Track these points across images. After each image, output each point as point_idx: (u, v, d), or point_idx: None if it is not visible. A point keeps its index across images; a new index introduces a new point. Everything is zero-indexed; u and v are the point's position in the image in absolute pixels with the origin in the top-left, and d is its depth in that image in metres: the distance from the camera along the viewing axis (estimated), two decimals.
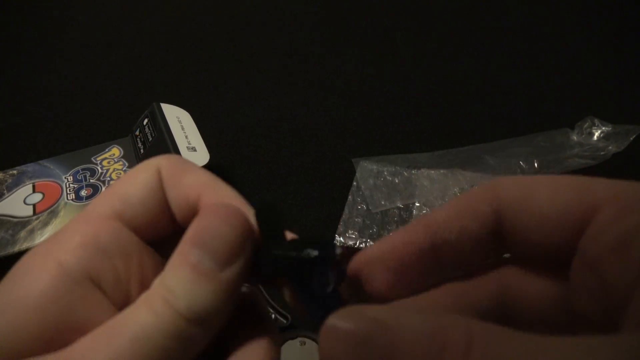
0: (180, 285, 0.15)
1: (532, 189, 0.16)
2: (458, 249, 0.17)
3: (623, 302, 0.13)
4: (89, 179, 0.42)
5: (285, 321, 0.35)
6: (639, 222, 0.13)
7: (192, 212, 0.18)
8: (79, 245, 0.16)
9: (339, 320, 0.13)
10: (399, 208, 0.46)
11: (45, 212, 0.39)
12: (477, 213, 0.16)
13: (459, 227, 0.16)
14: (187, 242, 0.16)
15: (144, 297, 0.16)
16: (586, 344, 0.11)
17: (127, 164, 0.44)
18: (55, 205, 0.40)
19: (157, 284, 0.16)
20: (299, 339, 0.34)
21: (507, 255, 0.17)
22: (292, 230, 0.18)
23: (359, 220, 0.45)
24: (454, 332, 0.12)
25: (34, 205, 0.40)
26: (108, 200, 0.18)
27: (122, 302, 0.17)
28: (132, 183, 0.18)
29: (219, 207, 0.16)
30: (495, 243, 0.16)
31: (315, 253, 0.16)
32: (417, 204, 0.46)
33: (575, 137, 0.51)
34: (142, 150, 0.44)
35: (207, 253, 0.15)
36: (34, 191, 0.41)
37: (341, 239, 0.43)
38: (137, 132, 0.46)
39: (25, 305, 0.15)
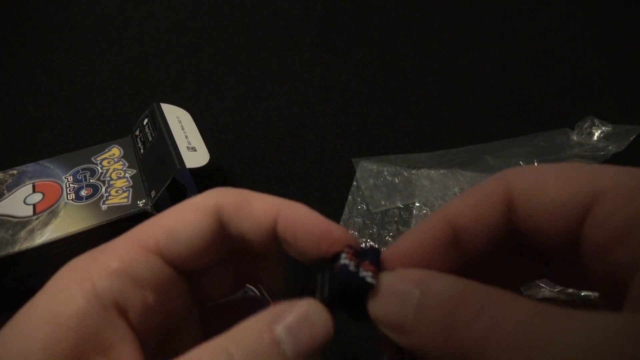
0: (255, 354, 0.15)
1: (540, 177, 0.16)
2: (476, 238, 0.17)
3: (626, 285, 0.14)
4: (89, 179, 0.42)
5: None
6: (638, 210, 0.14)
7: (271, 236, 0.19)
8: (114, 272, 0.17)
9: (387, 278, 0.16)
10: (399, 208, 0.46)
11: (45, 212, 0.39)
12: (490, 202, 0.17)
13: (475, 216, 0.17)
14: (275, 314, 0.16)
15: (197, 352, 0.15)
16: (588, 317, 0.12)
17: (127, 164, 0.44)
18: (55, 205, 0.40)
19: (218, 343, 0.15)
20: None
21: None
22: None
23: (359, 220, 0.45)
24: (472, 295, 0.14)
25: (34, 205, 0.40)
26: (155, 231, 0.18)
27: (144, 331, 0.17)
28: (183, 221, 0.18)
29: (316, 306, 0.16)
30: (509, 231, 0.17)
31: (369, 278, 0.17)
32: (417, 204, 0.46)
33: (575, 137, 0.51)
34: (142, 150, 0.44)
35: (293, 339, 0.15)
36: (34, 191, 0.41)
37: None
38: (137, 132, 0.46)
39: (60, 323, 0.15)
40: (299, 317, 0.16)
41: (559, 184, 0.16)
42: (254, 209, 0.19)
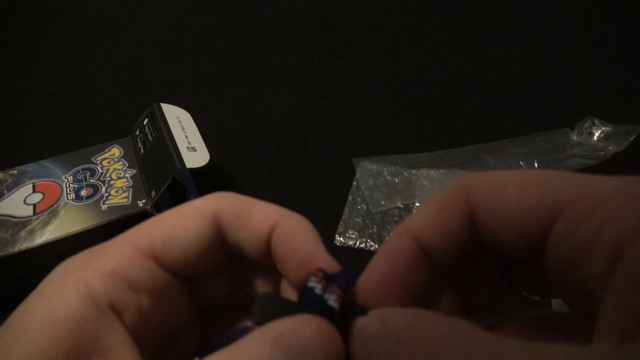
0: None
1: (501, 187, 0.16)
2: (444, 252, 0.17)
3: (594, 302, 0.13)
4: (89, 179, 0.42)
5: None
6: (599, 224, 0.13)
7: (267, 247, 0.18)
8: (109, 274, 0.16)
9: (369, 322, 0.15)
10: (399, 208, 0.46)
11: (46, 212, 0.39)
12: (453, 214, 0.16)
13: (439, 230, 0.16)
14: (273, 337, 0.15)
15: None
16: (548, 352, 0.11)
17: (127, 164, 0.44)
18: (56, 205, 0.40)
19: (227, 356, 0.15)
20: None
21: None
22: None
23: (359, 220, 0.45)
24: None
25: (34, 205, 0.40)
26: (151, 235, 0.18)
27: (141, 335, 0.17)
28: (180, 226, 0.18)
29: (322, 325, 0.15)
30: (476, 241, 0.17)
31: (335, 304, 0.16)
32: (417, 204, 0.46)
33: (575, 137, 0.51)
34: (142, 150, 0.44)
35: None
36: (34, 191, 0.41)
37: (341, 238, 0.43)
38: (137, 132, 0.46)
39: (57, 327, 0.15)
40: (298, 342, 0.15)
41: (519, 196, 0.15)
42: (253, 217, 0.18)
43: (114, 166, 0.43)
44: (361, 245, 0.43)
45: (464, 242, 0.17)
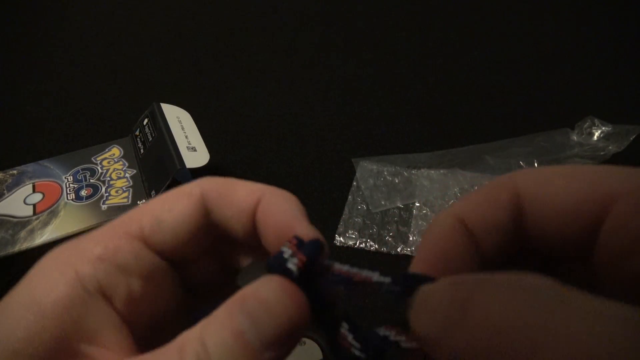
0: (218, 348, 0.14)
1: (549, 180, 0.16)
2: (487, 236, 0.17)
3: None
4: (89, 179, 0.42)
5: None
6: None
7: (252, 224, 0.18)
8: (97, 258, 0.16)
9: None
10: (399, 208, 0.46)
11: (46, 212, 0.39)
12: (497, 202, 0.16)
13: (483, 214, 0.16)
14: (238, 302, 0.15)
15: (179, 341, 0.15)
16: (598, 305, 0.11)
17: (127, 164, 0.44)
18: (55, 205, 0.40)
19: (196, 332, 0.15)
20: None
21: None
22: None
23: (359, 220, 0.45)
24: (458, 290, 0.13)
25: (34, 205, 0.40)
26: (139, 219, 0.18)
27: (132, 319, 0.17)
28: (168, 209, 0.18)
29: (282, 283, 0.15)
30: (519, 233, 0.17)
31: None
32: (417, 204, 0.46)
33: (575, 137, 0.50)
34: (142, 150, 0.44)
35: (254, 327, 0.14)
36: (34, 191, 0.41)
37: (341, 238, 0.43)
38: (137, 132, 0.46)
39: (42, 311, 0.15)
40: (258, 302, 0.15)
41: (567, 187, 0.15)
42: (237, 195, 0.18)
43: (114, 166, 0.43)
44: (361, 245, 0.43)
45: (508, 232, 0.16)
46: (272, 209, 0.18)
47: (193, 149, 0.42)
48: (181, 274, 0.19)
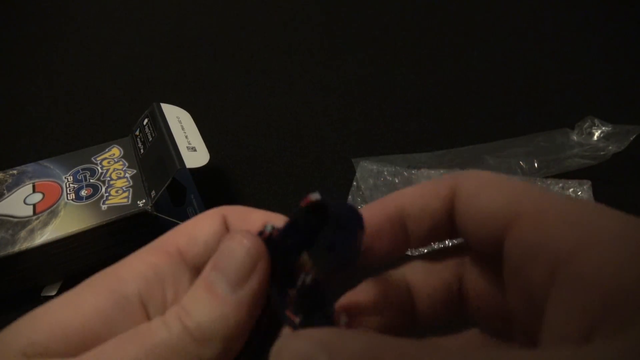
0: (194, 304, 0.16)
1: (483, 185, 0.18)
2: (420, 224, 0.19)
3: (540, 307, 0.15)
4: (89, 179, 0.42)
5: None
6: (546, 236, 0.15)
7: None
8: (139, 272, 0.18)
9: (289, 341, 0.14)
10: None
11: (46, 212, 0.39)
12: (438, 196, 0.19)
13: (422, 204, 0.19)
14: (210, 262, 0.17)
15: (166, 312, 0.17)
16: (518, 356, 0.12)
17: (127, 164, 0.44)
18: (56, 205, 0.40)
19: (180, 300, 0.17)
20: None
21: (459, 240, 0.20)
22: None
23: None
24: (385, 354, 0.13)
25: (34, 205, 0.40)
26: (175, 238, 0.20)
27: None
28: (198, 226, 0.20)
29: (237, 231, 0.18)
30: (450, 225, 0.19)
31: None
32: None
33: (575, 137, 0.50)
34: (142, 150, 0.44)
35: (221, 274, 0.17)
36: (34, 191, 0.41)
37: None
38: (137, 132, 0.46)
39: (83, 315, 0.17)
40: (221, 253, 0.17)
41: (491, 196, 0.17)
42: (252, 217, 0.20)
43: (114, 166, 0.43)
44: None
45: (439, 222, 0.19)
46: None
47: (193, 149, 0.42)
48: None
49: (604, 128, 0.50)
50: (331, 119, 0.56)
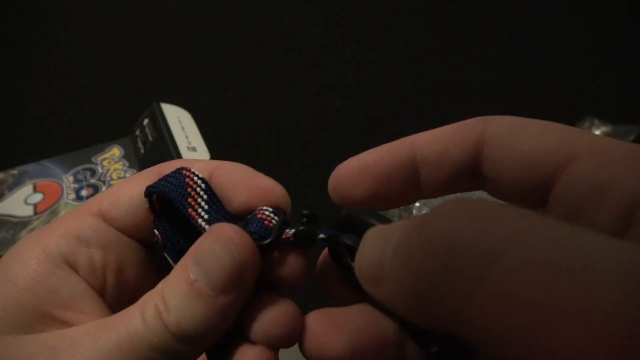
0: (175, 298, 0.16)
1: (519, 128, 0.16)
2: (437, 171, 0.17)
3: None
4: (89, 179, 0.42)
5: None
6: (613, 176, 0.14)
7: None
8: (61, 235, 0.18)
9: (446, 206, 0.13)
10: (398, 208, 0.46)
11: (46, 211, 0.39)
12: (462, 140, 0.17)
13: (442, 149, 0.17)
14: (191, 254, 0.16)
15: (143, 299, 0.16)
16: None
17: (127, 164, 0.44)
18: (56, 205, 0.40)
19: (157, 288, 0.16)
20: None
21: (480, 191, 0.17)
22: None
23: None
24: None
25: (35, 205, 0.40)
26: (99, 199, 0.19)
27: (97, 287, 0.18)
28: (125, 187, 0.19)
29: (225, 229, 0.16)
30: (473, 172, 0.17)
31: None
32: (417, 204, 0.46)
33: None
34: (142, 150, 0.44)
35: (205, 275, 0.15)
36: (34, 191, 0.41)
37: None
38: (138, 132, 0.46)
39: (15, 285, 0.17)
40: (206, 251, 0.16)
41: (535, 138, 0.16)
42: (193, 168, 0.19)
43: (114, 166, 0.43)
44: None
45: (460, 170, 0.17)
46: (228, 172, 0.19)
47: (193, 149, 0.42)
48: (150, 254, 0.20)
49: (603, 128, 0.50)
50: (331, 119, 0.56)
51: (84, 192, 0.41)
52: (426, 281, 0.11)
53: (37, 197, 0.41)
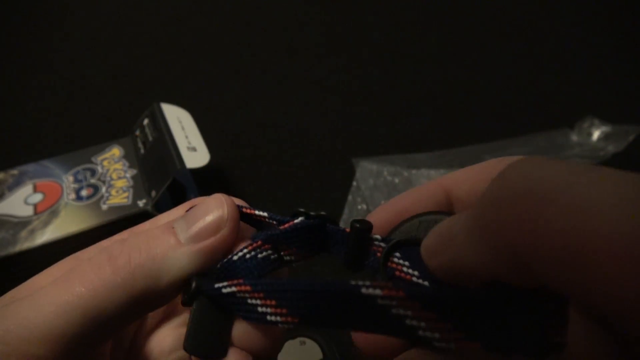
0: (152, 240, 0.18)
1: (477, 185, 0.18)
2: (466, 207, 0.19)
3: None
4: (90, 179, 0.42)
5: None
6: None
7: None
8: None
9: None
10: None
11: (46, 212, 0.39)
12: (488, 177, 0.18)
13: (468, 187, 0.18)
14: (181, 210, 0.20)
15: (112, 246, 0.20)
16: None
17: (127, 164, 0.44)
18: (56, 205, 0.40)
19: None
20: (299, 338, 0.34)
21: None
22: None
23: None
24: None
25: (35, 205, 0.40)
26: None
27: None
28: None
29: (218, 196, 0.19)
30: None
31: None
32: None
33: (575, 137, 0.51)
34: (142, 151, 0.44)
35: (185, 222, 0.18)
36: (34, 191, 0.41)
37: None
38: (137, 132, 0.46)
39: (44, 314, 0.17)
40: (196, 208, 0.19)
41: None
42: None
43: (114, 166, 0.43)
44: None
45: None
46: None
47: (193, 149, 0.42)
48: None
49: (603, 128, 0.50)
50: (331, 119, 0.56)
51: (84, 192, 0.41)
52: (506, 216, 0.12)
53: (37, 197, 0.41)
